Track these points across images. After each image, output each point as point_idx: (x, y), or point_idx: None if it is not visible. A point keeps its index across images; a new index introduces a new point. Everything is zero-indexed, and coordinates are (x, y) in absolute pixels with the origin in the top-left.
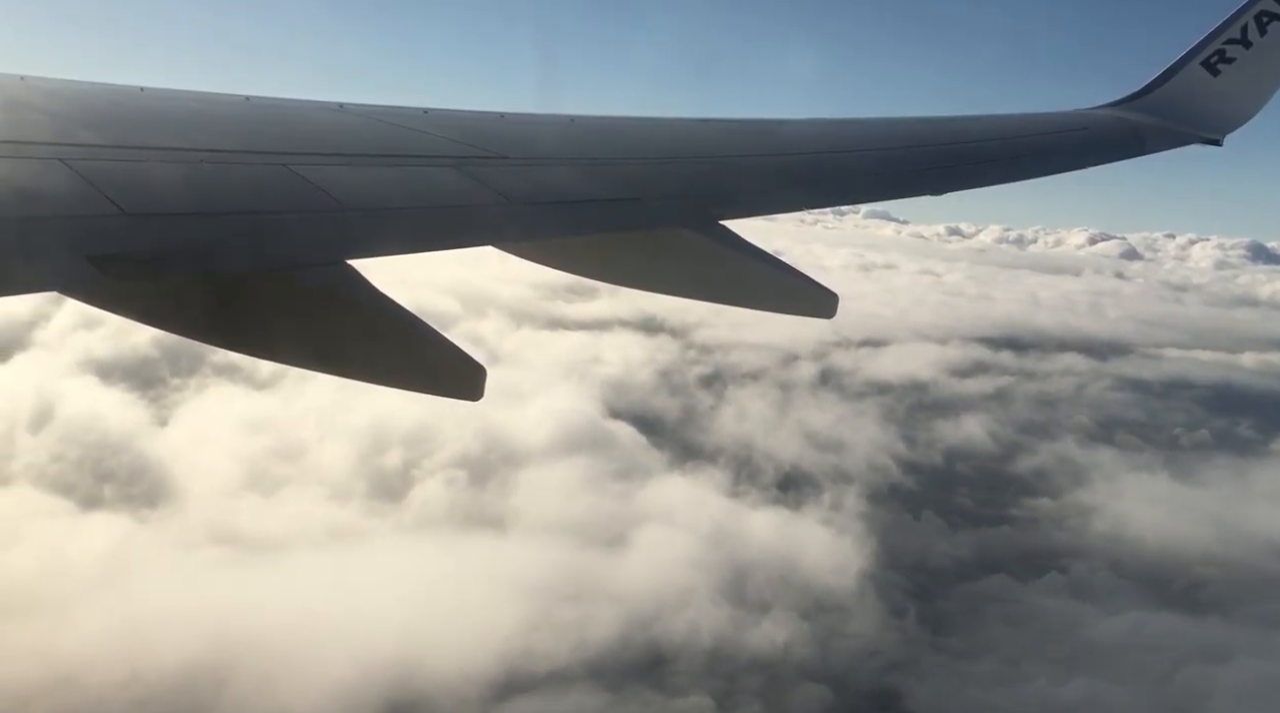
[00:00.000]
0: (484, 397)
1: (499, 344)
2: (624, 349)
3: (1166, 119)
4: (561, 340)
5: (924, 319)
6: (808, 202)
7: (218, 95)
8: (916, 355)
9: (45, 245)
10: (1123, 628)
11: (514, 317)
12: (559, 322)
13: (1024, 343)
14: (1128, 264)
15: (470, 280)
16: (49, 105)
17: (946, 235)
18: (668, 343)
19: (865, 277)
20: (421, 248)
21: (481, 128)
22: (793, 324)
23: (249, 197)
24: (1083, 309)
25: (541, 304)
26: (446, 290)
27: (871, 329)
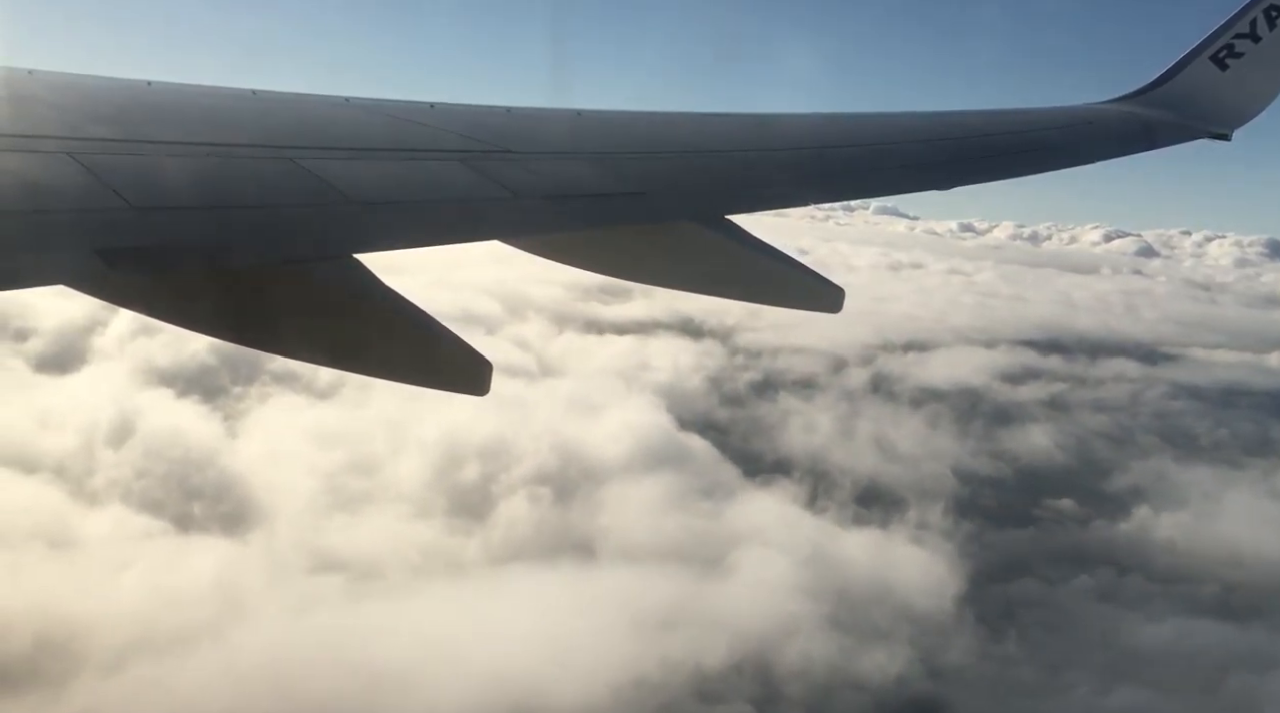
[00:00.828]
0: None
1: (545, 350)
2: (671, 355)
3: (1175, 114)
4: (607, 346)
5: (963, 322)
6: (815, 196)
7: (224, 90)
8: (965, 360)
9: (54, 240)
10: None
11: (554, 320)
12: (595, 324)
13: (1068, 346)
14: (1146, 262)
15: (505, 281)
16: (57, 100)
17: (960, 232)
18: (713, 347)
19: (895, 277)
20: (428, 242)
21: (488, 122)
22: (833, 327)
23: (256, 191)
24: (1119, 311)
25: (576, 306)
26: (483, 291)
27: (913, 332)
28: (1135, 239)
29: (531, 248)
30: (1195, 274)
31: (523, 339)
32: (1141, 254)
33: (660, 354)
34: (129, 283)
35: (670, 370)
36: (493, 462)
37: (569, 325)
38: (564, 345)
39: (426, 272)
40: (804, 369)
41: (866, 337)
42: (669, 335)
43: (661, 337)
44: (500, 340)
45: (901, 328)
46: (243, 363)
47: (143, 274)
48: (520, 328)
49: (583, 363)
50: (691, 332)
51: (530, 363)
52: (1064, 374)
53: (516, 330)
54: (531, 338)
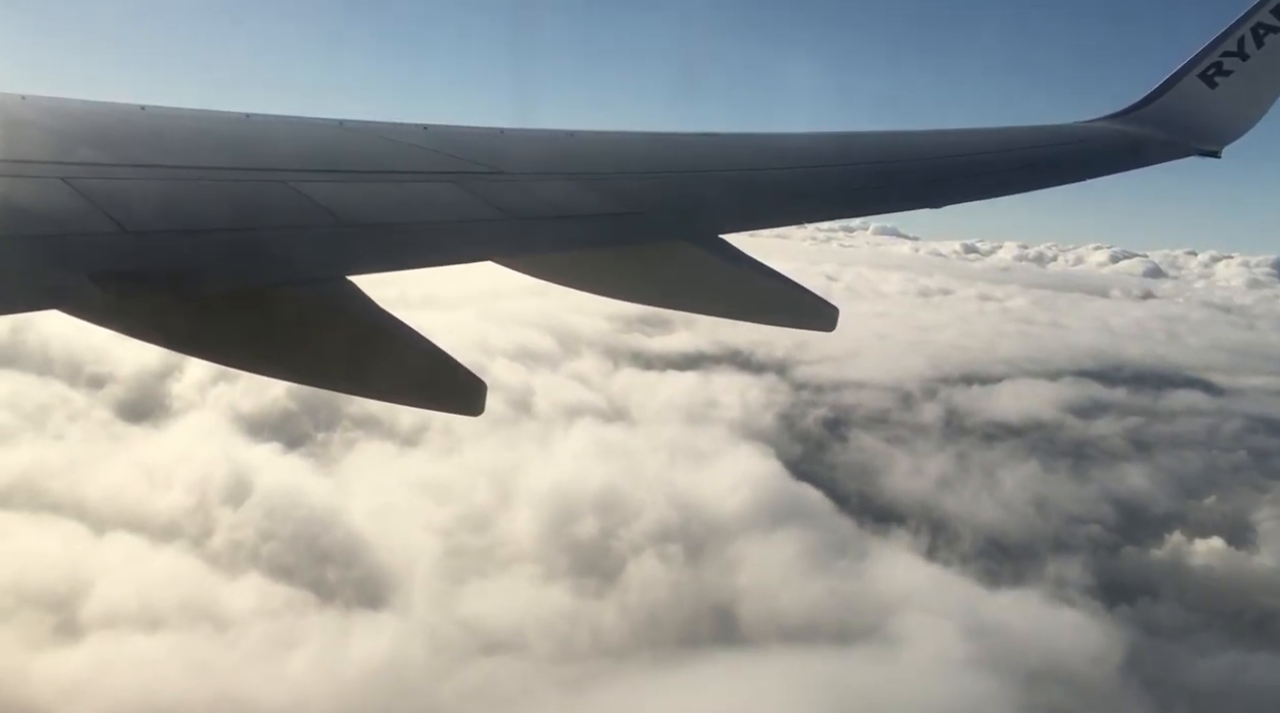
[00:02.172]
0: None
1: (608, 387)
2: (737, 390)
3: (1165, 131)
4: (669, 381)
5: (1013, 351)
6: (807, 215)
7: (217, 113)
8: (1030, 393)
9: (47, 264)
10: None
11: (607, 354)
12: (643, 356)
13: (1126, 377)
14: (1155, 283)
15: (547, 312)
16: (50, 124)
17: (964, 253)
18: (774, 381)
19: (927, 303)
20: (422, 264)
21: (481, 143)
22: (886, 358)
23: (249, 214)
24: (1160, 337)
25: (621, 337)
26: (529, 324)
27: (968, 363)
28: (1142, 259)
29: (526, 268)
30: (1212, 296)
31: (582, 375)
32: (1150, 275)
33: (725, 390)
34: (123, 307)
35: (740, 407)
36: (608, 515)
37: (621, 359)
38: (625, 382)
39: (469, 305)
40: (872, 404)
41: (922, 368)
42: (728, 369)
43: (719, 370)
44: (562, 377)
45: (954, 358)
46: (320, 406)
47: (137, 298)
48: (577, 363)
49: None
50: (744, 364)
51: (599, 402)
52: (1135, 407)
53: (574, 366)
54: (590, 374)
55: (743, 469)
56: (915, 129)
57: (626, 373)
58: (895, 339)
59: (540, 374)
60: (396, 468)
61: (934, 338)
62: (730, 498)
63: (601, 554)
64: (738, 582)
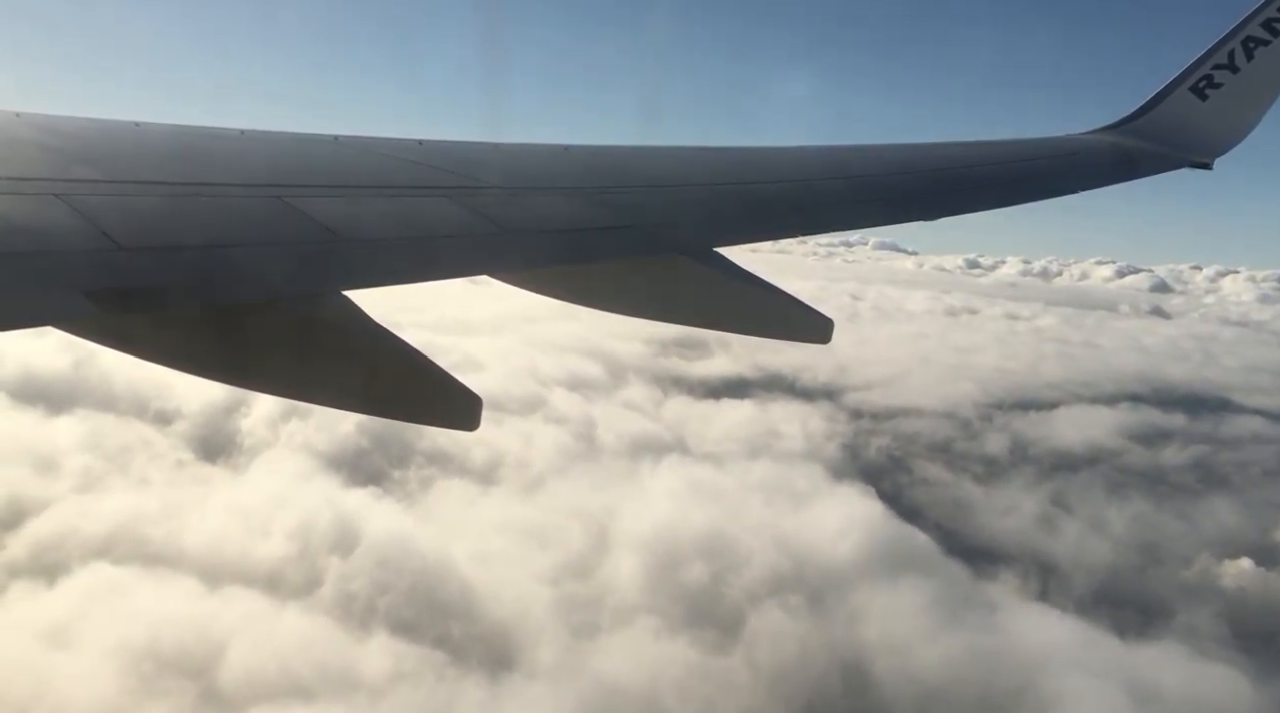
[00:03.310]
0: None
1: (662, 414)
2: (796, 420)
3: (1157, 144)
4: (724, 410)
5: (1057, 374)
6: (802, 228)
7: (212, 129)
8: (1089, 419)
9: (42, 281)
10: None
11: (654, 380)
12: (684, 380)
13: (1177, 400)
14: (1163, 298)
15: (584, 337)
16: (45, 141)
17: (967, 269)
18: (830, 409)
19: (956, 322)
20: (419, 278)
21: (476, 158)
22: (935, 383)
23: (244, 230)
24: (1197, 357)
25: (659, 361)
26: (568, 349)
27: (1017, 388)
28: (1148, 275)
29: (522, 283)
30: (1227, 312)
31: (635, 403)
32: (1156, 290)
33: (784, 419)
34: (118, 324)
35: (803, 437)
36: (715, 561)
37: (668, 385)
38: (679, 410)
39: (506, 330)
40: (934, 433)
41: (972, 392)
42: (779, 396)
43: (771, 397)
44: (618, 406)
45: (1001, 382)
46: (390, 441)
47: (132, 315)
48: (627, 391)
49: (711, 430)
50: (790, 389)
51: (664, 433)
52: (1197, 434)
53: (626, 394)
54: (643, 402)
55: (846, 510)
56: (910, 143)
57: (679, 401)
58: (937, 361)
59: (598, 403)
60: (484, 509)
61: (975, 361)
62: (840, 541)
63: (716, 603)
64: (866, 636)
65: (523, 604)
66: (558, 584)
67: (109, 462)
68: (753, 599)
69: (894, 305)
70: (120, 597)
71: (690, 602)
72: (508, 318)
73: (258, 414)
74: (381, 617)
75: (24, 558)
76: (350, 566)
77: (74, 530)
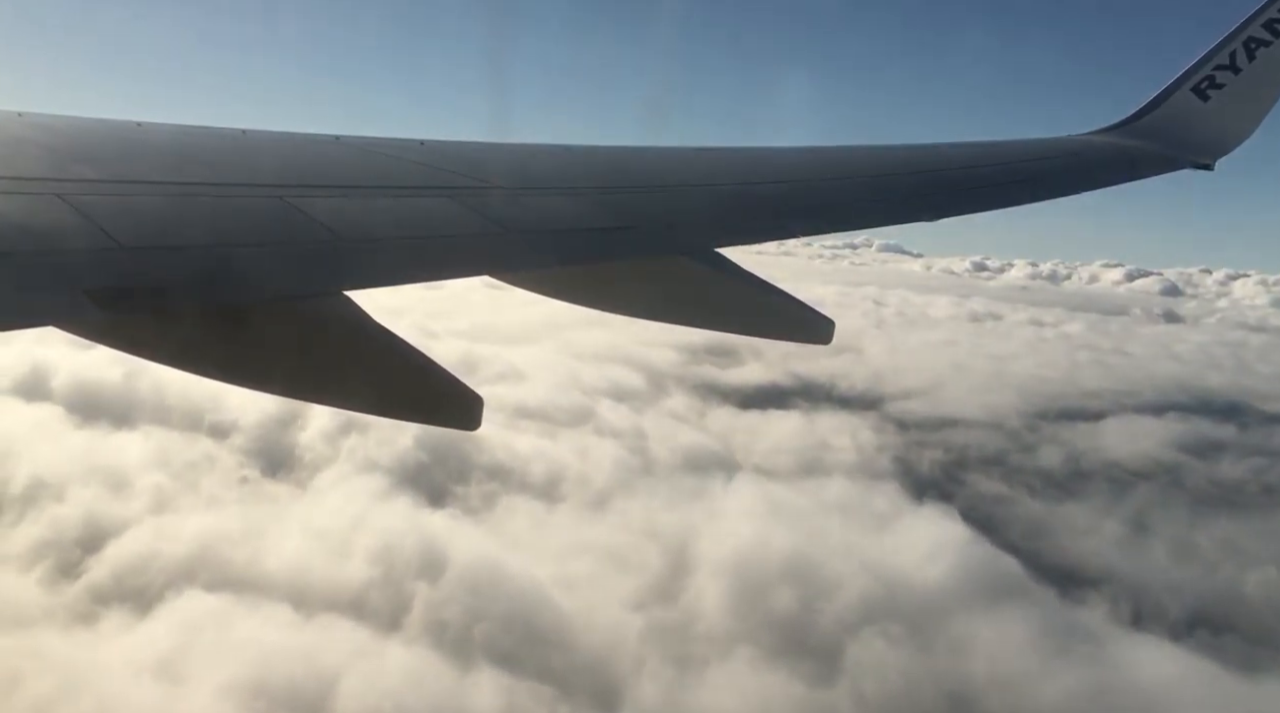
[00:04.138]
0: (481, 426)
1: (708, 425)
2: (845, 432)
3: (1158, 145)
4: (772, 422)
5: (1095, 382)
6: (803, 229)
7: (214, 129)
8: (1138, 430)
9: (43, 280)
10: None
11: (694, 390)
12: (719, 388)
13: (1221, 410)
14: (1175, 302)
15: (616, 345)
16: (46, 141)
17: (975, 271)
18: (877, 421)
19: (981, 328)
20: (420, 278)
21: (477, 158)
22: (974, 393)
23: (246, 229)
24: (1229, 364)
25: (692, 369)
26: (605, 359)
27: (1057, 397)
28: (1158, 278)
29: (522, 282)
30: (1244, 317)
31: (679, 413)
32: (1167, 293)
33: (833, 431)
34: (119, 323)
35: (854, 450)
36: (799, 584)
37: (708, 395)
38: (724, 421)
39: (539, 339)
40: (986, 445)
41: (1014, 402)
42: (823, 406)
43: (814, 408)
44: (664, 417)
45: (1041, 391)
46: (449, 456)
47: (133, 314)
48: (669, 401)
49: (758, 442)
50: (828, 398)
51: (714, 446)
52: (1250, 446)
53: (668, 404)
54: (686, 413)
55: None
56: (911, 143)
57: (723, 412)
58: (972, 369)
59: (644, 415)
60: (555, 528)
61: (1010, 369)
62: (929, 564)
63: (809, 631)
64: (973, 668)
65: (616, 632)
66: (644, 609)
67: (177, 479)
68: (847, 627)
69: (917, 311)
70: (220, 627)
71: (782, 629)
72: (536, 324)
73: (315, 428)
74: (480, 647)
75: (108, 583)
76: (439, 592)
77: (156, 554)
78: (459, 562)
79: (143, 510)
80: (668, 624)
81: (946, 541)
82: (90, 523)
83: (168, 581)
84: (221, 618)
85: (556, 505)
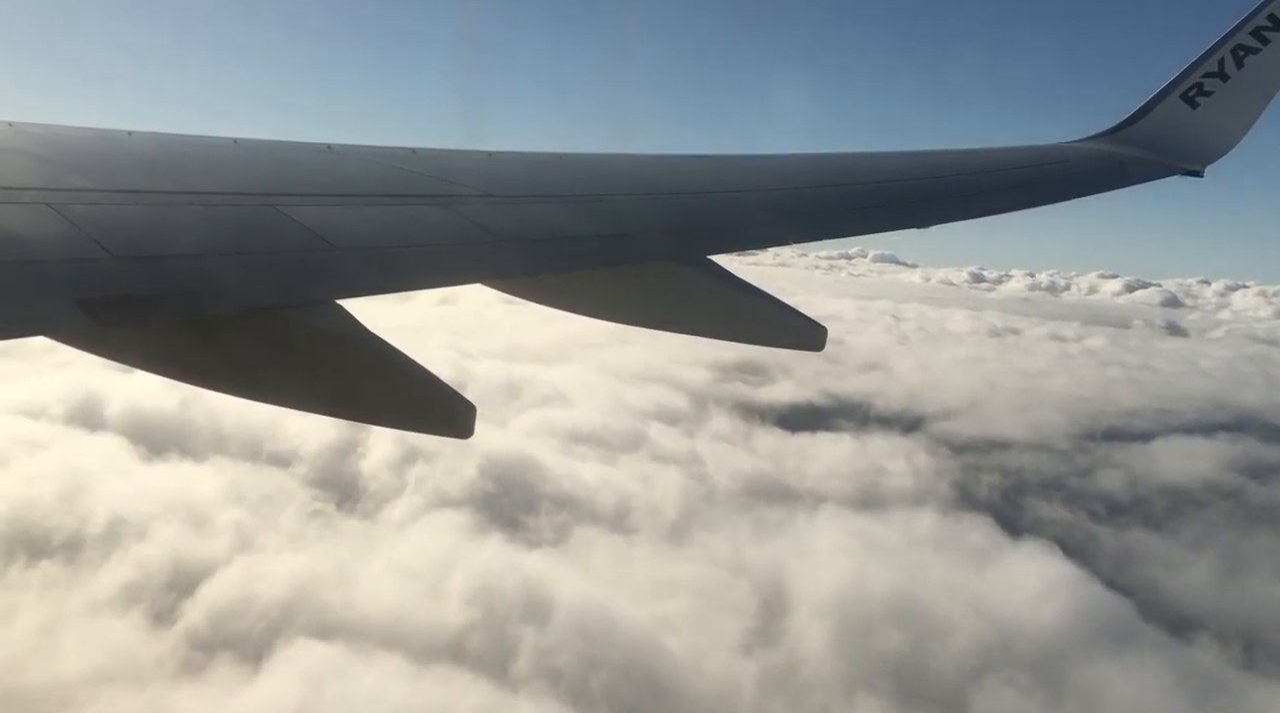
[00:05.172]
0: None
1: (755, 448)
2: (897, 455)
3: (1147, 151)
4: (823, 445)
5: (1132, 400)
6: (794, 236)
7: (205, 138)
8: (1191, 452)
9: (33, 290)
10: None
11: (735, 410)
12: (753, 408)
13: (1262, 427)
14: (1177, 314)
15: (647, 361)
16: (36, 150)
17: (973, 282)
18: (928, 443)
19: (1004, 344)
20: (411, 286)
21: (468, 166)
22: (1016, 413)
23: (237, 238)
24: (1260, 381)
25: (724, 387)
26: (643, 377)
27: (1098, 416)
28: (1157, 289)
29: (514, 290)
30: (1253, 329)
31: (724, 435)
32: (1168, 305)
33: (884, 455)
34: (111, 333)
35: (910, 475)
36: (906, 626)
37: (749, 415)
38: (773, 444)
39: (569, 357)
40: (1039, 468)
41: (1058, 422)
42: (871, 428)
43: (859, 429)
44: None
45: (1081, 410)
46: (514, 484)
47: (125, 323)
48: (714, 423)
49: (812, 467)
50: (865, 418)
51: (772, 471)
52: None
53: (714, 426)
54: (732, 434)
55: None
56: (901, 150)
57: (771, 434)
58: (1007, 388)
59: (696, 439)
60: (639, 563)
61: (1044, 386)
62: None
63: (927, 678)
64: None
65: (731, 680)
66: (749, 653)
67: (255, 514)
68: (969, 674)
69: (936, 325)
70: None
71: (899, 676)
72: (563, 342)
73: (376, 457)
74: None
75: (207, 629)
76: (546, 637)
77: (250, 597)
78: (559, 603)
79: (227, 549)
80: (779, 669)
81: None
82: (178, 564)
83: (269, 627)
84: (339, 670)
85: (632, 537)
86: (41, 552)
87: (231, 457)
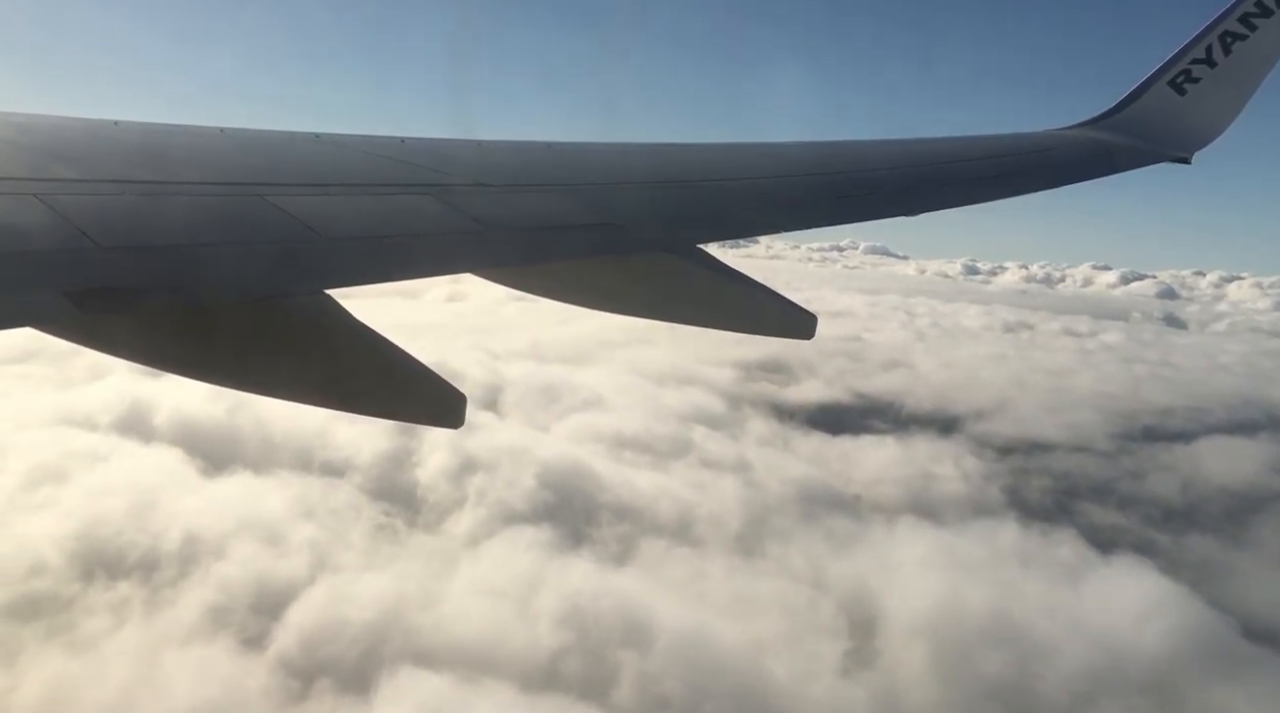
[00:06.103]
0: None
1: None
2: (944, 459)
3: (1135, 138)
4: (865, 450)
5: (1162, 399)
6: (785, 224)
7: (192, 128)
8: (1235, 453)
9: (20, 281)
10: None
11: (770, 412)
12: (782, 408)
13: None
14: (1174, 306)
15: (673, 362)
16: (22, 140)
17: (967, 274)
18: (972, 445)
19: (1020, 340)
20: (402, 276)
21: (459, 156)
22: (1050, 412)
23: (226, 228)
24: None
25: (751, 387)
26: (673, 378)
27: (1133, 416)
28: (1153, 281)
29: (505, 280)
30: (1256, 322)
31: (766, 439)
32: (1164, 296)
33: (928, 458)
34: (98, 324)
35: (959, 479)
36: (1009, 649)
37: (782, 417)
38: (816, 448)
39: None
40: (1086, 471)
41: (1095, 421)
42: (909, 429)
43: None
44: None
45: (1115, 409)
46: (573, 493)
47: (112, 314)
48: (752, 425)
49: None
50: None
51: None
52: None
53: (753, 429)
54: (771, 438)
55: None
56: (888, 138)
57: (812, 437)
58: (1034, 386)
59: (741, 443)
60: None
61: (1071, 384)
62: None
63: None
64: None
65: (840, 706)
66: (850, 677)
67: (325, 529)
68: (1081, 700)
69: (950, 321)
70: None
71: (1007, 702)
72: (585, 341)
73: (432, 466)
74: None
75: (300, 655)
76: (648, 662)
77: (340, 620)
78: (653, 624)
79: (307, 568)
80: (883, 693)
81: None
82: (261, 584)
83: (365, 652)
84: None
85: (701, 549)
86: (118, 571)
87: (289, 468)
